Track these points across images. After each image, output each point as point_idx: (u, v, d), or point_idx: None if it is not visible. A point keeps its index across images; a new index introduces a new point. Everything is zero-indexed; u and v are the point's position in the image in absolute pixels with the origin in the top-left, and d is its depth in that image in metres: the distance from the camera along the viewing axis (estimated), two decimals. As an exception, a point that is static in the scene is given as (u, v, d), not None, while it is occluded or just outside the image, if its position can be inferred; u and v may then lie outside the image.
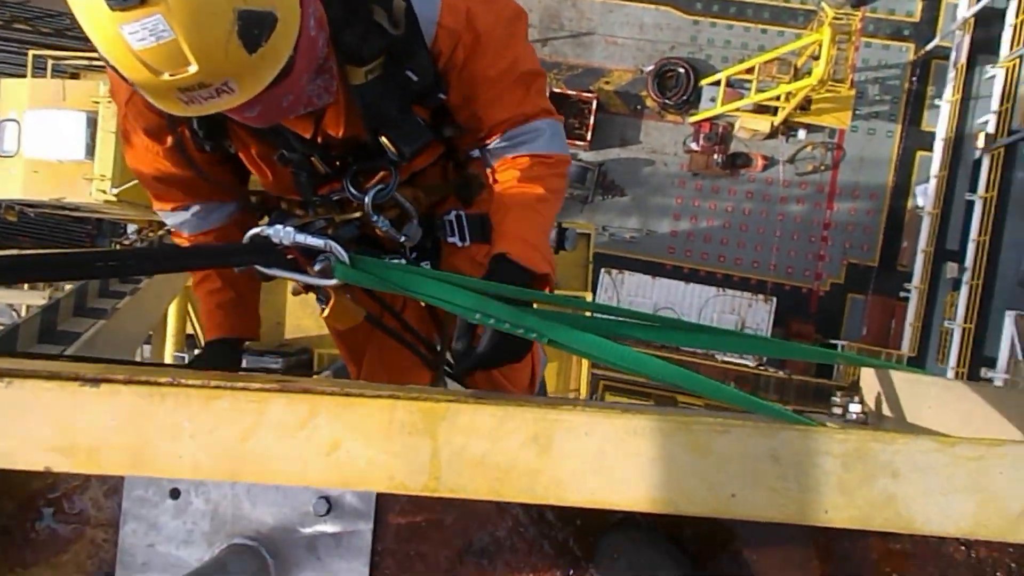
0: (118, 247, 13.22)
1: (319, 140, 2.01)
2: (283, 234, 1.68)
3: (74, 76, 13.09)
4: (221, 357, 2.40)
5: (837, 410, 1.61)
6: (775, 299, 16.98)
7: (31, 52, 13.07)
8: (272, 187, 2.22)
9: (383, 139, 1.97)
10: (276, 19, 1.46)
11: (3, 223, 15.78)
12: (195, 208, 2.25)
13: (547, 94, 2.18)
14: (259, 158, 2.09)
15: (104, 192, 10.47)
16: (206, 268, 2.10)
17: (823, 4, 15.76)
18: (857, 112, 17.19)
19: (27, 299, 8.58)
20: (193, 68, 1.39)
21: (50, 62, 12.94)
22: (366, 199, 2.05)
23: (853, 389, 2.00)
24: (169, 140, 2.00)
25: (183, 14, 1.32)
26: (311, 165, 2.05)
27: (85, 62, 13.02)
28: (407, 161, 2.07)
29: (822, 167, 17.71)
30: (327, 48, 1.79)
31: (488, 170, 2.15)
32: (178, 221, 2.28)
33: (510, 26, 2.01)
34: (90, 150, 11.83)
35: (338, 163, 2.08)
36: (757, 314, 16.84)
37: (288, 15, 1.51)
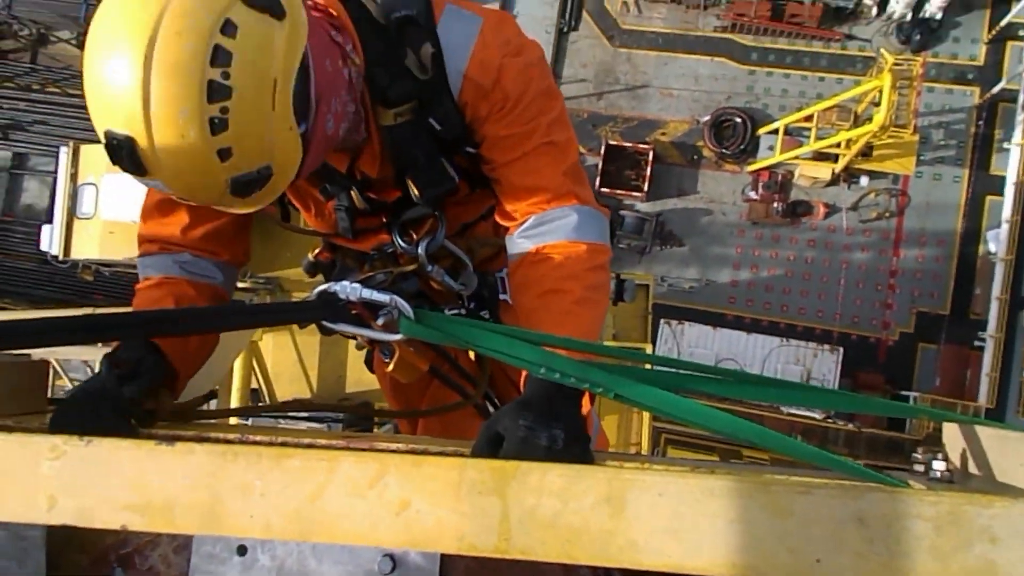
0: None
1: (357, 176, 2.02)
2: (349, 290, 1.69)
3: (148, 140, 13.67)
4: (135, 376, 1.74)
5: (919, 467, 1.53)
6: (841, 349, 16.51)
7: (109, 118, 13.71)
8: (314, 222, 2.23)
9: (408, 181, 1.97)
10: (271, 172, 1.52)
11: (80, 282, 16.42)
12: (186, 256, 2.08)
13: (586, 184, 2.01)
14: (303, 189, 2.11)
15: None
16: (276, 324, 2.09)
17: (882, 50, 15.61)
18: (922, 157, 16.83)
19: (100, 355, 8.83)
20: (195, 203, 1.57)
21: (127, 128, 13.56)
22: (419, 250, 2.06)
23: (933, 444, 1.90)
24: None
25: (179, 186, 1.46)
26: (351, 199, 2.06)
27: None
28: (432, 206, 2.06)
29: (887, 214, 17.34)
30: (363, 86, 1.81)
31: (510, 265, 1.99)
32: (156, 262, 2.09)
33: (543, 98, 1.91)
34: (162, 210, 12.28)
35: (379, 205, 2.09)
36: (823, 364, 16.39)
37: (286, 160, 1.56)
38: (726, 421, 1.37)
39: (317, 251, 2.42)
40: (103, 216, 13.18)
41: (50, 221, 14.39)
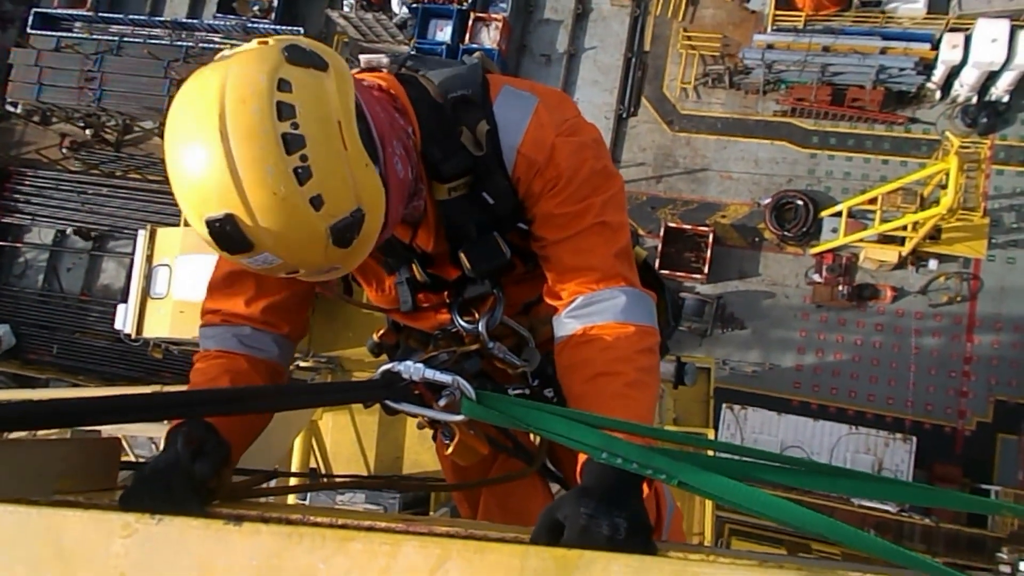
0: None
1: (416, 249, 2.06)
2: (412, 370, 1.70)
3: (221, 223, 14.22)
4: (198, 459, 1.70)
5: (1004, 568, 1.44)
6: (915, 438, 15.79)
7: (186, 203, 14.35)
8: (376, 297, 2.27)
9: (461, 255, 2.00)
10: (363, 214, 1.57)
11: (150, 360, 16.91)
12: (246, 330, 2.11)
13: (635, 267, 2.02)
14: (366, 263, 2.11)
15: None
16: (340, 403, 2.11)
17: (947, 133, 15.43)
18: (993, 241, 16.38)
19: (166, 432, 8.99)
20: (302, 272, 1.59)
21: (202, 211, 14.15)
22: (479, 326, 2.08)
23: (1019, 543, 1.79)
24: None
25: (284, 249, 1.50)
26: (412, 273, 2.10)
27: (232, 210, 14.17)
28: (490, 283, 2.08)
29: (958, 298, 16.81)
30: (419, 164, 1.87)
31: (557, 346, 1.98)
32: (217, 334, 2.13)
33: (598, 177, 1.93)
34: (231, 290, 12.67)
35: (440, 282, 2.12)
36: (896, 454, 15.69)
37: (373, 202, 1.60)
38: (795, 512, 1.32)
39: (382, 332, 2.46)
40: (175, 296, 13.69)
41: (125, 300, 15.01)
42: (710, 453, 1.63)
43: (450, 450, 1.95)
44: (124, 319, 14.43)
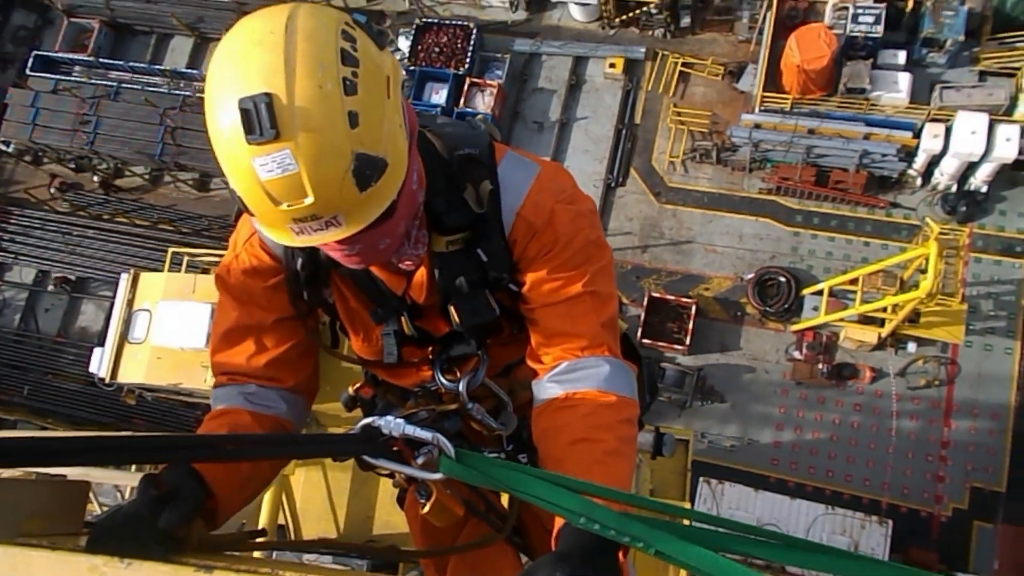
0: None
1: (408, 300, 2.08)
2: (393, 425, 1.69)
3: (205, 271, 14.21)
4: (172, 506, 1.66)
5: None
6: (891, 522, 15.67)
7: (171, 249, 14.36)
8: (360, 347, 2.26)
9: (451, 308, 2.02)
10: (386, 164, 1.58)
11: (122, 406, 16.63)
12: (251, 387, 2.11)
13: (619, 339, 2.05)
14: (355, 311, 2.15)
15: (218, 378, 10.97)
16: (317, 456, 2.07)
17: (927, 219, 15.75)
18: (971, 327, 16.59)
19: (132, 480, 8.78)
20: (309, 200, 1.51)
21: (186, 258, 14.13)
22: (460, 386, 2.07)
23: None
24: (273, 280, 2.07)
25: (309, 151, 1.46)
26: (400, 325, 2.11)
27: (216, 258, 14.17)
28: (476, 341, 2.09)
29: (936, 382, 16.92)
30: (422, 210, 1.89)
31: (536, 409, 1.99)
32: (224, 394, 2.13)
33: (591, 247, 1.97)
34: (209, 339, 12.59)
35: (427, 336, 2.13)
36: (871, 537, 15.55)
37: (397, 163, 1.62)
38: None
39: (358, 385, 2.43)
40: (153, 342, 13.57)
41: (102, 344, 14.84)
42: (686, 523, 1.61)
43: (426, 509, 1.91)
44: (99, 363, 14.24)
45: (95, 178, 21.80)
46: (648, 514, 1.54)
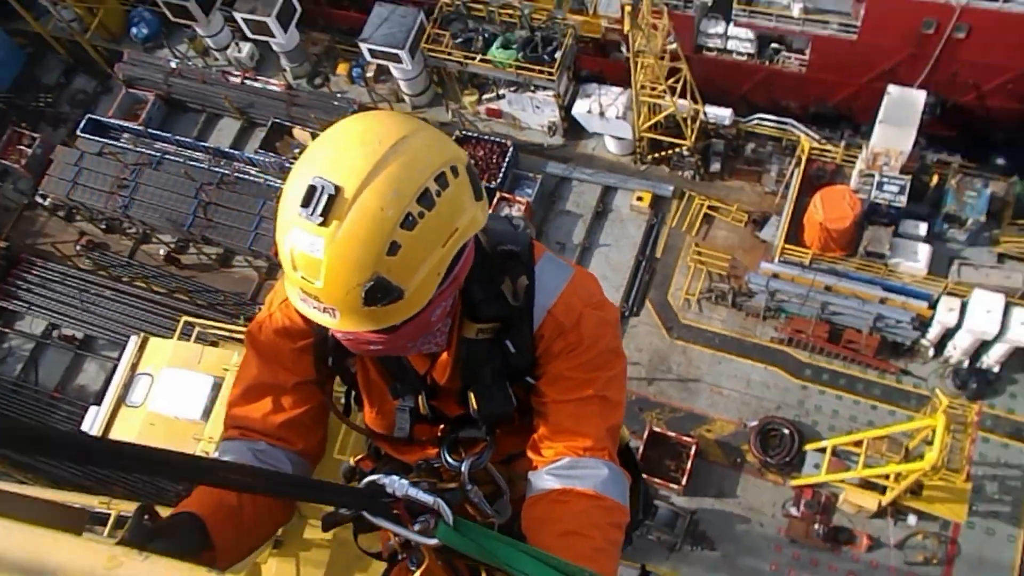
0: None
1: (428, 381, 2.14)
2: (397, 485, 1.70)
3: (213, 344, 14.25)
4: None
5: None
6: None
7: (183, 318, 14.45)
8: (372, 419, 2.31)
9: (470, 395, 2.07)
10: (401, 296, 1.65)
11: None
12: (261, 445, 2.16)
13: (617, 446, 2.15)
14: (374, 383, 2.21)
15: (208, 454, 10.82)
16: (317, 502, 2.04)
17: (937, 391, 15.66)
18: (975, 508, 16.17)
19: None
20: (319, 284, 1.62)
21: (197, 329, 14.20)
22: (463, 466, 2.09)
23: None
24: (301, 343, 2.16)
25: (338, 251, 1.57)
26: (416, 402, 2.16)
27: (226, 333, 14.23)
28: (488, 428, 2.13)
29: (935, 560, 16.36)
30: (457, 300, 1.96)
31: (529, 499, 2.05)
32: (233, 448, 2.16)
33: (610, 354, 2.08)
34: (207, 413, 12.54)
35: (440, 417, 2.17)
36: None
37: (414, 300, 1.69)
38: None
39: (360, 457, 2.47)
40: (150, 407, 13.45)
41: (99, 403, 14.71)
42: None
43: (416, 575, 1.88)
44: (92, 422, 14.11)
45: (161, 251, 22.23)
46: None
